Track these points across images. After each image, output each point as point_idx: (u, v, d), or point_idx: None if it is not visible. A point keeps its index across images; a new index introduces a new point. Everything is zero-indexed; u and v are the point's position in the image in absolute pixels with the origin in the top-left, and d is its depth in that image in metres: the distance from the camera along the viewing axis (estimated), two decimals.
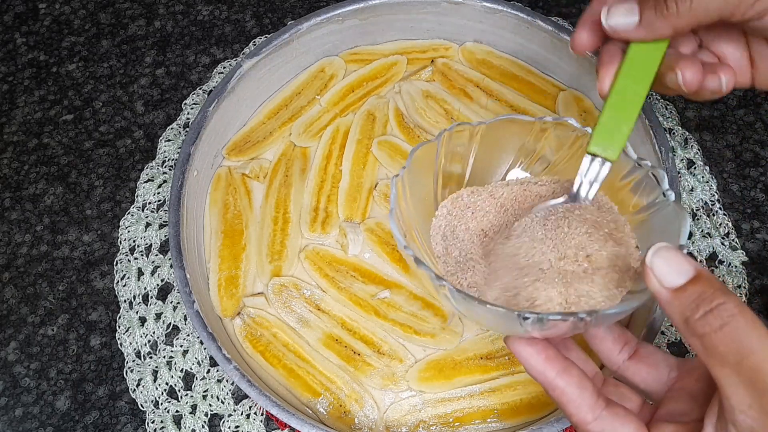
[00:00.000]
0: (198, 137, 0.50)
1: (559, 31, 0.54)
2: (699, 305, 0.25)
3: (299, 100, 0.57)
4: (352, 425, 0.44)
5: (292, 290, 0.48)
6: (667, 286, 0.26)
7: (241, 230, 0.51)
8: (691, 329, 0.25)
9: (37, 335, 0.51)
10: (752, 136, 0.58)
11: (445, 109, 0.56)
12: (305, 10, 0.67)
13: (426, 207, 0.38)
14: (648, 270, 0.26)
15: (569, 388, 0.29)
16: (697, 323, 0.24)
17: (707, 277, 0.25)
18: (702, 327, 0.24)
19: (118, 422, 0.48)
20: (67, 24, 0.67)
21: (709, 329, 0.24)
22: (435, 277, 0.30)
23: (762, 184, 0.55)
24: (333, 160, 0.54)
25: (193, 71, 0.63)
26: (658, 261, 0.26)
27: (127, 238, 0.54)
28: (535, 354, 0.29)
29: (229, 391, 0.48)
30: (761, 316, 0.49)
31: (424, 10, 0.57)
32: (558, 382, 0.29)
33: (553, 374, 0.29)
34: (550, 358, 0.29)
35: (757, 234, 0.53)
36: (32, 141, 0.60)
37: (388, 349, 0.46)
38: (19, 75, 0.64)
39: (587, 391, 0.29)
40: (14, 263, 0.54)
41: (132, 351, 0.49)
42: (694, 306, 0.25)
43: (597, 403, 0.28)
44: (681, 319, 0.25)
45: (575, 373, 0.29)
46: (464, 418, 0.44)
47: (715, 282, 0.25)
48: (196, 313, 0.43)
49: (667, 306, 0.26)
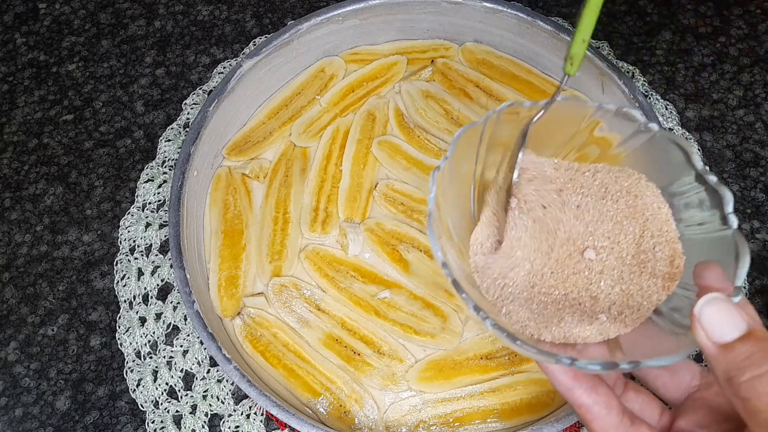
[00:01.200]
0: (198, 137, 0.50)
1: (559, 31, 0.54)
2: (747, 367, 0.23)
3: (299, 100, 0.57)
4: (352, 425, 0.44)
5: (292, 290, 0.48)
6: (714, 341, 0.24)
7: (241, 230, 0.51)
8: (734, 390, 0.24)
9: (37, 335, 0.51)
10: (752, 136, 0.58)
11: (445, 109, 0.56)
12: (305, 10, 0.67)
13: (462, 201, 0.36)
14: (695, 321, 0.25)
15: (596, 407, 0.28)
16: (741, 386, 0.23)
17: (759, 336, 0.24)
18: (746, 391, 0.23)
19: (118, 422, 0.48)
20: (67, 24, 0.67)
21: (754, 394, 0.23)
22: (474, 308, 0.28)
23: (762, 184, 0.55)
24: (333, 160, 0.54)
25: (193, 71, 0.63)
26: (708, 313, 0.24)
27: (127, 238, 0.54)
28: (563, 371, 0.29)
29: (229, 391, 0.48)
30: (761, 316, 0.50)
31: (424, 10, 0.57)
32: (585, 400, 0.29)
33: (581, 392, 0.29)
34: (578, 376, 0.29)
35: (757, 234, 0.53)
36: (32, 141, 0.60)
37: (388, 349, 0.46)
38: (19, 75, 0.64)
39: (614, 411, 0.28)
40: (14, 263, 0.54)
41: (132, 351, 0.49)
42: (742, 367, 0.23)
43: (622, 422, 0.28)
44: (725, 377, 0.24)
45: (603, 391, 0.29)
46: (464, 418, 0.44)
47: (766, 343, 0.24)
48: (196, 313, 0.43)
49: (712, 360, 0.25)
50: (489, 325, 0.28)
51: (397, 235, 0.50)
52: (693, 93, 0.60)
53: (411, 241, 0.49)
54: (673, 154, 0.33)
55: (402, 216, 0.51)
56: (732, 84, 0.60)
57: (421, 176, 0.52)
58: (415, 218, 0.51)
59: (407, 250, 0.49)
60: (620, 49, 0.63)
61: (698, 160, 0.32)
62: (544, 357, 0.27)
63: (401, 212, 0.51)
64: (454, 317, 0.47)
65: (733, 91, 0.60)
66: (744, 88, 0.60)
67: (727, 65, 0.61)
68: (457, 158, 0.33)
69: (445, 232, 0.33)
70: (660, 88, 0.60)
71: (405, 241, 0.50)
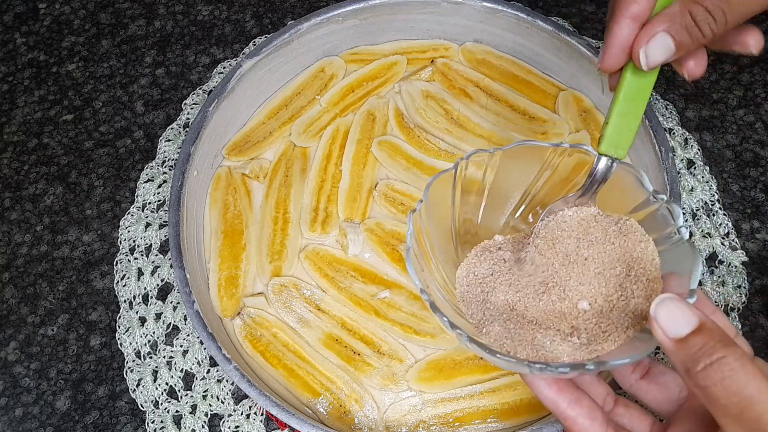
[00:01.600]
0: (198, 137, 0.50)
1: (559, 31, 0.54)
2: (700, 357, 0.25)
3: (299, 100, 0.57)
4: (352, 425, 0.44)
5: (292, 290, 0.48)
6: (670, 337, 0.26)
7: (241, 230, 0.51)
8: (693, 380, 0.25)
9: (37, 335, 0.51)
10: (752, 136, 0.58)
11: (445, 109, 0.56)
12: (305, 10, 0.67)
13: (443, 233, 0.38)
14: (652, 319, 0.27)
15: (580, 418, 0.30)
16: (698, 375, 0.25)
17: (710, 328, 0.26)
18: (703, 379, 0.25)
19: (118, 422, 0.48)
20: (67, 24, 0.67)
21: (709, 382, 0.25)
22: (450, 325, 0.31)
23: (762, 184, 0.55)
24: (333, 160, 0.54)
25: (193, 71, 0.63)
26: (662, 311, 0.26)
27: (127, 238, 0.54)
28: (547, 386, 0.31)
29: (229, 391, 0.48)
30: (761, 316, 0.50)
31: (424, 10, 0.57)
32: (569, 413, 0.30)
33: (565, 405, 0.30)
34: (561, 390, 0.30)
35: (757, 234, 0.53)
36: (32, 141, 0.60)
37: (388, 349, 0.46)
38: (19, 75, 0.64)
39: (597, 421, 0.30)
40: (14, 263, 0.54)
41: (132, 351, 0.49)
42: (696, 358, 0.25)
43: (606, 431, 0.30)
44: (683, 369, 0.26)
45: (585, 403, 0.30)
46: (464, 418, 0.44)
47: (717, 333, 0.25)
48: (196, 313, 0.43)
49: (671, 355, 0.26)
50: (465, 340, 0.31)
51: (397, 235, 0.50)
52: (693, 93, 0.60)
53: None
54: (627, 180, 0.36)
55: (402, 216, 0.51)
56: (732, 84, 0.60)
57: (421, 176, 0.52)
58: None
59: None
60: None
61: (648, 182, 0.35)
62: (518, 366, 0.30)
63: (401, 212, 0.51)
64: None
65: (733, 91, 0.60)
66: (744, 88, 0.60)
67: (727, 65, 0.61)
68: (432, 201, 0.37)
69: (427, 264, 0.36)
70: (660, 88, 0.60)
71: (405, 241, 0.50)
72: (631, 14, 0.31)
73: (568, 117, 0.55)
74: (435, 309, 0.31)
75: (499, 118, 0.55)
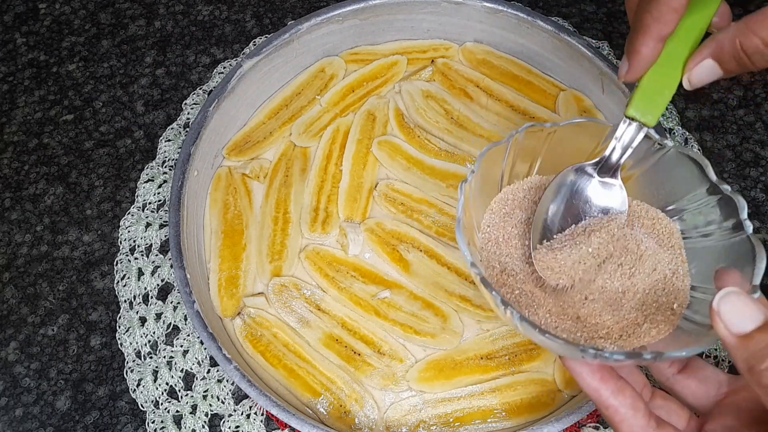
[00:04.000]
0: (198, 137, 0.50)
1: (559, 31, 0.54)
2: (766, 356, 0.24)
3: (299, 100, 0.57)
4: (353, 425, 0.44)
5: (293, 290, 0.48)
6: (734, 332, 0.25)
7: (242, 230, 0.51)
8: (756, 378, 0.24)
9: (37, 335, 0.51)
10: (752, 136, 0.58)
11: (446, 109, 0.56)
12: (305, 10, 0.67)
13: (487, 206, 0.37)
14: (715, 314, 0.26)
15: (623, 408, 0.29)
16: (762, 373, 0.24)
17: None
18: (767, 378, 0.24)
19: (118, 422, 0.48)
20: (67, 24, 0.67)
21: None
22: (501, 302, 0.30)
23: (762, 184, 0.55)
24: (333, 160, 0.54)
25: (193, 71, 0.63)
26: (725, 306, 0.26)
27: (127, 238, 0.54)
28: (590, 373, 0.30)
29: (230, 391, 0.48)
30: None
31: (424, 10, 0.57)
32: (612, 402, 0.29)
33: (608, 393, 0.30)
34: (605, 378, 0.30)
35: (757, 234, 0.53)
36: (32, 141, 0.60)
37: (389, 349, 0.46)
38: (19, 75, 0.64)
39: (640, 412, 0.29)
40: (14, 263, 0.54)
41: (132, 351, 0.49)
42: (761, 356, 0.24)
43: (649, 423, 0.29)
44: (746, 366, 0.25)
45: (629, 393, 0.30)
46: (464, 418, 0.44)
47: None
48: (196, 313, 0.43)
49: (732, 351, 0.26)
50: (517, 319, 0.29)
51: (398, 235, 0.50)
52: (693, 93, 0.60)
53: (411, 241, 0.49)
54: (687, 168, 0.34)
55: (402, 216, 0.51)
56: (732, 84, 0.60)
57: (422, 176, 0.52)
58: (416, 218, 0.51)
59: (407, 250, 0.49)
60: (620, 49, 0.63)
61: (712, 172, 0.33)
62: (570, 349, 0.28)
63: (401, 212, 0.51)
64: (454, 317, 0.47)
65: (733, 91, 0.60)
66: (744, 88, 0.60)
67: None
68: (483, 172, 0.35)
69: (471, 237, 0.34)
70: None
71: (405, 241, 0.50)
72: (659, 36, 0.31)
73: (568, 117, 0.55)
74: (487, 284, 0.30)
75: (499, 118, 0.55)
